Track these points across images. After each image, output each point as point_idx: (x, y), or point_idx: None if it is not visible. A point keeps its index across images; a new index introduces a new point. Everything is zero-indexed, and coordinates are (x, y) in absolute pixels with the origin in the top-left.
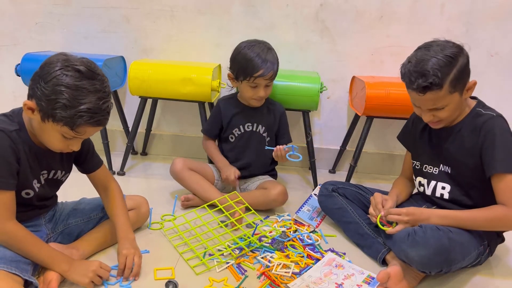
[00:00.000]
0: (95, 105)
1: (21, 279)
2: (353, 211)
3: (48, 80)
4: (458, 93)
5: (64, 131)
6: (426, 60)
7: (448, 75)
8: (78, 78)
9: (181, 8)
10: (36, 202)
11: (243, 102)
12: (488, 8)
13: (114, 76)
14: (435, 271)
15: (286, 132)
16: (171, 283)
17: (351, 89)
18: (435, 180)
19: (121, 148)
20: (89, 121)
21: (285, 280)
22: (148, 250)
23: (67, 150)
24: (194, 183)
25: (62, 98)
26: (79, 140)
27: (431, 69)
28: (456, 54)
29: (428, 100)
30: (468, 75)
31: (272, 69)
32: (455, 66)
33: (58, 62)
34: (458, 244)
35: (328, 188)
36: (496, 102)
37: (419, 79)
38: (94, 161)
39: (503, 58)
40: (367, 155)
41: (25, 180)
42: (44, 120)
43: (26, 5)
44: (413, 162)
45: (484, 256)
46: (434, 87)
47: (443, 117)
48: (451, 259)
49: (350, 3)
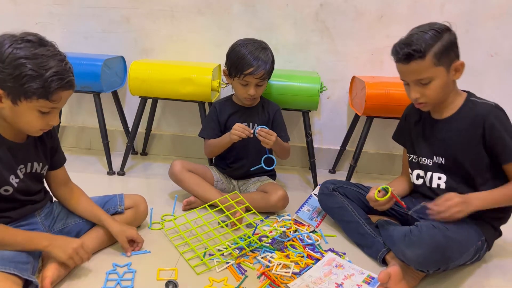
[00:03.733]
0: (59, 68)
1: (20, 280)
2: (353, 210)
3: (4, 59)
4: (444, 68)
5: (40, 105)
6: (413, 33)
7: (432, 46)
8: (33, 47)
9: (181, 8)
10: (21, 197)
11: (238, 102)
12: (488, 8)
13: (114, 76)
14: (432, 269)
15: (283, 130)
16: (171, 283)
17: (351, 89)
18: (431, 172)
19: (121, 148)
20: (61, 83)
21: (285, 280)
22: (149, 250)
23: (47, 128)
24: (194, 185)
25: (26, 70)
26: (56, 112)
27: (416, 39)
28: (443, 30)
29: (412, 71)
30: (456, 54)
31: (264, 68)
32: (440, 39)
33: (5, 40)
34: (454, 241)
35: (328, 187)
36: (496, 102)
37: (403, 48)
38: (61, 156)
39: (503, 58)
40: (367, 155)
41: (0, 177)
42: (16, 101)
43: (26, 5)
44: (409, 156)
45: (482, 252)
46: (417, 55)
47: (430, 96)
48: (448, 257)
49: (350, 3)
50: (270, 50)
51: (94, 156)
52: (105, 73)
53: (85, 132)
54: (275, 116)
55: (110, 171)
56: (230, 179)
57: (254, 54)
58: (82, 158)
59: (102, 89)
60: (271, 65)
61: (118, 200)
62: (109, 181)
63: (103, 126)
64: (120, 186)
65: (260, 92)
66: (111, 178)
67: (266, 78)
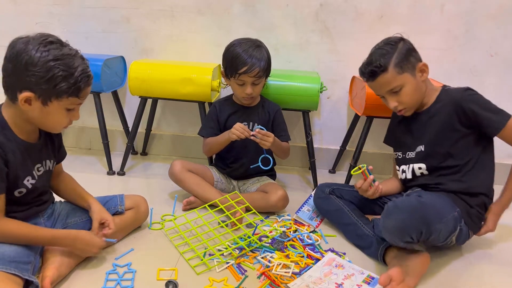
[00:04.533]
0: (84, 65)
1: (20, 280)
2: (350, 212)
3: (36, 62)
4: (408, 74)
5: (70, 103)
6: (372, 53)
7: (391, 58)
8: (57, 49)
9: (181, 8)
10: (30, 199)
11: (238, 102)
12: (488, 8)
13: (114, 76)
14: (414, 234)
15: (283, 130)
16: (171, 283)
17: (351, 89)
18: (412, 163)
19: (121, 148)
20: (87, 81)
21: (285, 280)
22: (115, 239)
23: (69, 124)
24: (194, 185)
25: (58, 71)
26: (79, 108)
27: (375, 57)
28: (396, 41)
29: (382, 85)
30: (416, 58)
31: (258, 66)
32: (396, 50)
33: (28, 45)
34: (429, 205)
35: (324, 190)
36: (496, 102)
37: (367, 68)
38: (64, 150)
39: (503, 58)
40: (367, 155)
41: (16, 179)
42: (47, 102)
43: (26, 5)
44: (395, 154)
45: (463, 227)
46: (379, 70)
47: (406, 101)
48: (426, 218)
49: (350, 3)
50: (264, 47)
51: (94, 156)
52: (105, 73)
53: (85, 132)
54: (276, 116)
55: (110, 171)
56: (230, 179)
57: (248, 52)
58: (82, 158)
59: (102, 89)
60: (266, 62)
61: (119, 200)
62: (109, 181)
63: (103, 126)
64: (120, 186)
65: (258, 90)
66: (111, 178)
67: (262, 76)
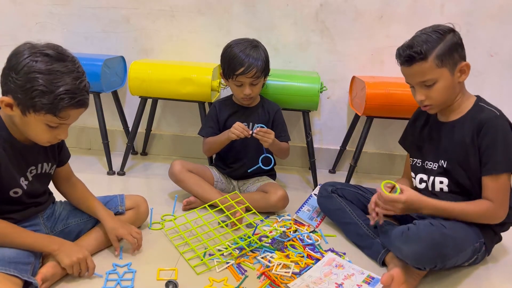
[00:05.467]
0: (72, 86)
1: (20, 281)
2: (352, 212)
3: (19, 70)
4: (447, 70)
5: (48, 120)
6: (416, 36)
7: (434, 47)
8: (49, 62)
9: (181, 8)
10: (26, 200)
11: (238, 102)
12: (488, 8)
13: (114, 76)
14: (428, 266)
15: (283, 131)
16: (171, 283)
17: (351, 89)
18: (433, 176)
19: (121, 148)
20: (70, 102)
21: (285, 280)
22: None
23: (55, 141)
24: (194, 185)
25: (37, 85)
26: (65, 127)
27: (417, 41)
28: (446, 31)
29: (415, 73)
30: (460, 56)
31: (256, 67)
32: (442, 41)
33: (25, 50)
34: (451, 239)
35: (327, 189)
36: (496, 102)
37: (406, 51)
38: (66, 153)
39: (503, 58)
40: (367, 155)
41: (11, 180)
42: (25, 113)
43: (26, 5)
44: (412, 160)
45: (480, 254)
46: (418, 57)
47: (435, 98)
48: (444, 254)
49: (350, 3)
50: (262, 47)
51: (94, 156)
52: (105, 73)
53: (85, 132)
54: (276, 116)
55: (110, 171)
56: (230, 179)
57: (245, 52)
58: (82, 158)
59: (102, 89)
60: (263, 62)
61: (119, 200)
62: (109, 181)
63: (103, 126)
64: (120, 186)
65: (257, 91)
66: (111, 178)
67: (260, 77)
